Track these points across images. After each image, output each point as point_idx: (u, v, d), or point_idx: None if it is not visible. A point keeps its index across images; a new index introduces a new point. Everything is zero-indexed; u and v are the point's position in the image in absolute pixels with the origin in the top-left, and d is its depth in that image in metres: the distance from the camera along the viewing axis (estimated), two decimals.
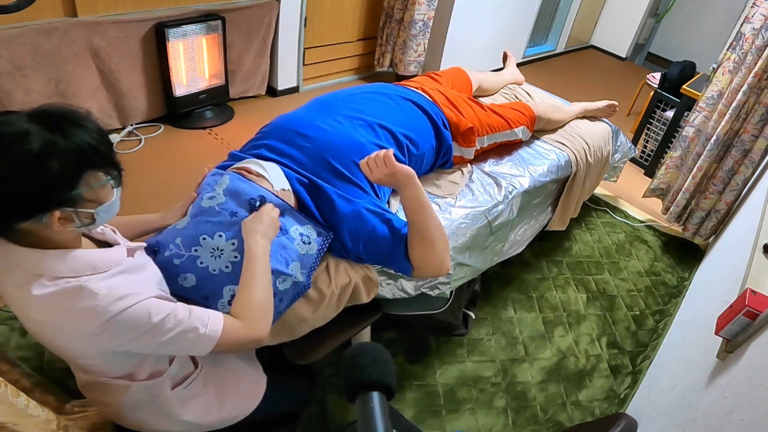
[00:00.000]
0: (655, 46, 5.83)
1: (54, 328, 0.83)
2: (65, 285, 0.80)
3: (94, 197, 0.81)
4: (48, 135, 0.75)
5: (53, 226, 0.78)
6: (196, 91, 2.85)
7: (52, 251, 0.81)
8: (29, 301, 0.80)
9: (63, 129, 0.76)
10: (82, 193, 0.79)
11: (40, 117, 0.76)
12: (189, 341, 0.90)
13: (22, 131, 0.73)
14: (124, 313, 0.82)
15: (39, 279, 0.80)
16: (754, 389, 1.06)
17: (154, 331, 0.85)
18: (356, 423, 0.68)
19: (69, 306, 0.80)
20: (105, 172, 0.82)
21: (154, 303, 0.87)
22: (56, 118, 0.77)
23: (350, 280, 1.34)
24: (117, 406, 1.02)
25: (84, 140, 0.77)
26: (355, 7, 3.51)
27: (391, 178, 1.25)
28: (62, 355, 0.93)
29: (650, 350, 2.06)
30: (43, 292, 0.79)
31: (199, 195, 1.22)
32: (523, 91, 2.55)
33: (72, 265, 0.82)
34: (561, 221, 2.32)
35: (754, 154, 2.33)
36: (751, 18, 2.25)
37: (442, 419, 1.68)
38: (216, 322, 0.93)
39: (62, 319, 0.81)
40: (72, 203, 0.78)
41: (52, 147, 0.74)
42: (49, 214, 0.76)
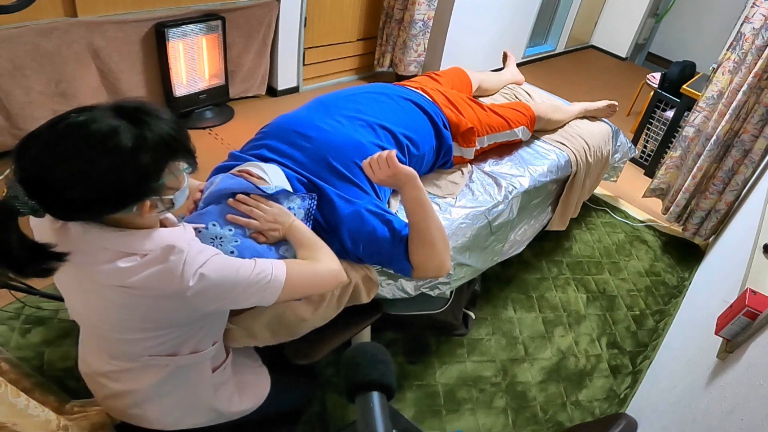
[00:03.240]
0: (655, 46, 5.84)
1: (140, 293, 0.85)
2: (155, 254, 0.84)
3: (174, 184, 0.86)
4: (135, 129, 0.78)
5: (144, 215, 0.83)
6: (196, 91, 2.85)
7: (139, 232, 0.86)
8: (118, 273, 0.83)
9: (146, 122, 0.79)
10: (166, 182, 0.83)
11: (123, 112, 0.79)
12: (260, 288, 0.94)
13: (113, 128, 0.76)
14: (210, 261, 0.87)
15: (130, 256, 0.84)
16: (754, 389, 1.06)
17: (234, 280, 0.90)
18: (356, 423, 0.68)
19: (161, 265, 0.83)
20: (184, 161, 0.87)
21: (225, 257, 0.92)
22: (137, 112, 0.80)
23: (350, 280, 1.34)
24: (145, 391, 1.03)
25: (166, 132, 0.81)
26: (355, 7, 3.51)
27: (393, 179, 1.25)
28: (116, 332, 0.94)
29: (650, 350, 2.06)
30: (133, 264, 0.83)
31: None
32: (523, 91, 2.55)
33: (158, 242, 0.86)
34: (561, 221, 2.32)
35: (754, 154, 2.33)
36: (751, 18, 2.25)
37: (442, 419, 1.68)
38: (279, 269, 0.98)
39: (154, 278, 0.84)
40: (157, 192, 0.83)
41: (142, 141, 0.77)
42: (139, 204, 0.81)
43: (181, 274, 0.84)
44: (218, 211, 1.15)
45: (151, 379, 1.02)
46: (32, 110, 2.27)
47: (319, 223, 1.30)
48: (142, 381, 1.02)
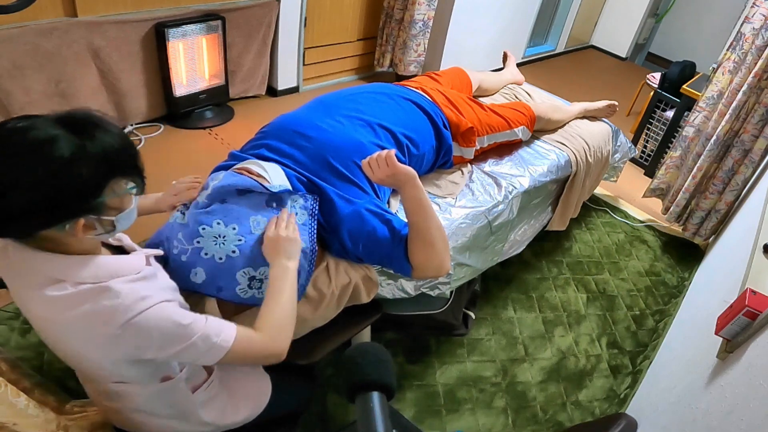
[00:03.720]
0: (655, 46, 5.84)
1: (69, 330, 0.81)
2: (88, 287, 0.78)
3: (117, 204, 0.80)
4: (76, 140, 0.72)
5: (77, 234, 0.76)
6: (196, 91, 2.85)
7: (74, 257, 0.80)
8: (45, 302, 0.79)
9: (90, 133, 0.74)
10: (107, 200, 0.77)
11: (67, 121, 0.74)
12: (199, 350, 0.87)
13: (51, 136, 0.71)
14: (145, 313, 0.80)
15: (60, 284, 0.78)
16: (754, 389, 1.06)
17: (172, 336, 0.83)
18: (356, 423, 0.68)
19: (90, 305, 0.78)
20: (129, 180, 0.80)
21: (173, 308, 0.85)
22: (83, 123, 0.75)
23: (350, 280, 1.34)
24: (132, 411, 1.01)
25: (111, 145, 0.75)
26: (355, 7, 3.51)
27: (393, 179, 1.25)
28: (70, 362, 0.92)
29: (650, 350, 2.06)
30: (62, 293, 0.77)
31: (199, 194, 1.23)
32: (523, 91, 2.55)
33: (94, 270, 0.80)
34: (561, 221, 2.32)
35: (754, 154, 2.33)
36: (751, 18, 2.25)
37: (442, 419, 1.68)
38: (229, 333, 0.91)
39: (80, 319, 0.79)
40: (96, 211, 0.77)
41: (82, 152, 0.72)
42: (73, 222, 0.75)
43: (109, 320, 0.78)
44: (222, 209, 1.15)
45: (132, 402, 0.99)
46: (32, 110, 2.25)
47: (319, 223, 1.30)
48: (125, 402, 1.00)
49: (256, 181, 1.17)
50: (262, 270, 1.12)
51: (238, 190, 1.16)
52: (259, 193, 1.18)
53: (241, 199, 1.16)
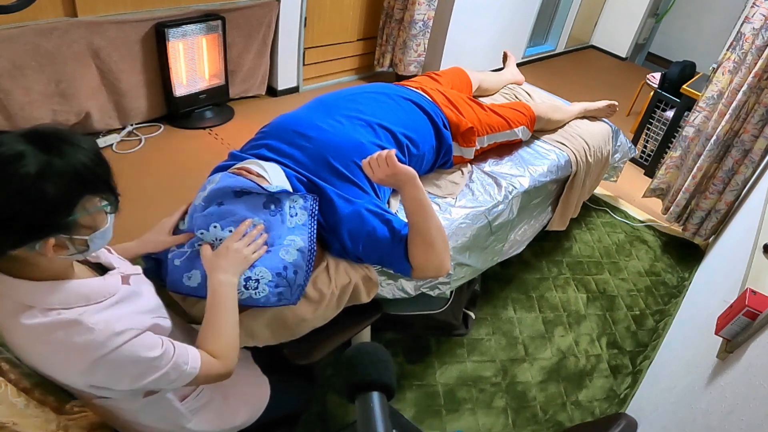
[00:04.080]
0: (655, 46, 5.83)
1: (42, 359, 0.80)
2: (58, 317, 0.76)
3: (90, 223, 0.77)
4: (44, 156, 0.70)
5: (47, 254, 0.73)
6: (196, 91, 2.85)
7: (43, 283, 0.77)
8: (19, 330, 0.77)
9: (59, 149, 0.72)
10: (78, 219, 0.74)
11: (34, 137, 0.71)
12: (170, 379, 0.87)
13: (17, 152, 0.68)
14: (118, 351, 0.78)
15: (30, 310, 0.76)
16: (754, 389, 1.05)
17: (143, 371, 0.83)
18: (356, 423, 0.68)
19: (62, 339, 0.76)
20: (102, 197, 0.78)
21: (146, 339, 0.83)
22: (51, 139, 0.72)
23: (350, 280, 1.34)
24: (124, 420, 1.01)
25: (81, 162, 0.73)
26: (355, 7, 3.51)
27: (393, 179, 1.25)
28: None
29: (650, 350, 2.06)
30: (34, 322, 0.75)
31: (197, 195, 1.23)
32: (523, 91, 2.55)
33: (64, 296, 0.78)
34: (561, 221, 2.32)
35: (754, 154, 2.33)
36: (751, 18, 2.25)
37: (442, 419, 1.68)
38: (195, 359, 0.91)
39: (53, 351, 0.77)
40: (67, 229, 0.74)
41: (49, 169, 0.70)
42: (43, 241, 0.72)
43: (81, 357, 0.76)
44: (219, 212, 1.14)
45: (121, 415, 0.99)
46: (32, 110, 2.27)
47: (319, 223, 1.30)
48: (119, 414, 0.99)
49: (254, 182, 1.17)
50: (258, 270, 1.12)
51: (235, 192, 1.16)
52: (257, 194, 1.18)
53: (238, 201, 1.16)
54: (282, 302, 1.15)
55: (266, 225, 1.17)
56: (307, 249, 1.20)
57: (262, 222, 1.16)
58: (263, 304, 1.13)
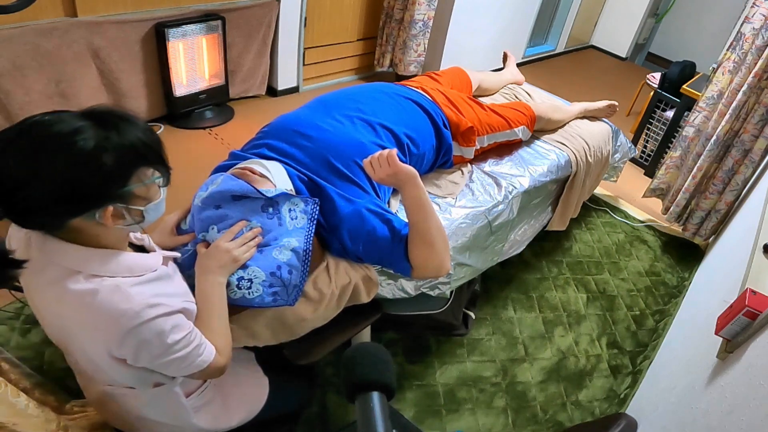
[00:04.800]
0: (655, 46, 5.83)
1: (80, 326, 0.83)
2: (102, 283, 0.80)
3: (144, 194, 0.82)
4: (102, 131, 0.75)
5: (106, 222, 0.78)
6: (196, 91, 2.85)
7: (95, 249, 0.82)
8: (63, 296, 0.80)
9: (116, 125, 0.77)
10: (134, 189, 0.80)
11: (92, 115, 0.77)
12: (184, 364, 0.90)
13: (76, 128, 0.74)
14: (150, 323, 0.81)
15: (76, 275, 0.80)
16: (754, 389, 1.05)
17: (165, 348, 0.85)
18: (356, 423, 0.68)
19: (103, 304, 0.79)
20: (155, 169, 0.83)
21: (176, 319, 0.86)
22: (108, 116, 0.78)
23: (350, 280, 1.34)
24: (129, 414, 1.02)
25: (136, 136, 0.78)
26: (355, 7, 3.51)
27: (394, 178, 1.25)
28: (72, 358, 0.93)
29: (650, 350, 2.06)
30: (79, 287, 0.79)
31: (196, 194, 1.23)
32: (523, 91, 2.55)
33: (110, 265, 0.82)
34: (561, 221, 2.32)
35: (754, 154, 2.33)
36: (751, 18, 2.25)
37: (442, 419, 1.68)
38: (210, 352, 0.94)
39: (92, 316, 0.80)
40: (124, 199, 0.79)
41: (107, 142, 0.75)
42: (102, 210, 0.77)
43: (117, 323, 0.79)
44: (217, 216, 1.15)
45: (126, 406, 1.00)
46: (32, 110, 2.26)
47: (319, 223, 1.30)
48: (120, 405, 1.01)
49: (253, 187, 1.17)
50: (251, 270, 1.12)
51: (234, 196, 1.16)
52: (255, 198, 1.18)
53: (235, 205, 1.16)
54: (278, 302, 1.15)
55: (263, 227, 1.17)
56: (301, 249, 1.20)
57: (258, 225, 1.16)
58: (258, 304, 1.12)
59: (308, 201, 1.25)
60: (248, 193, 1.17)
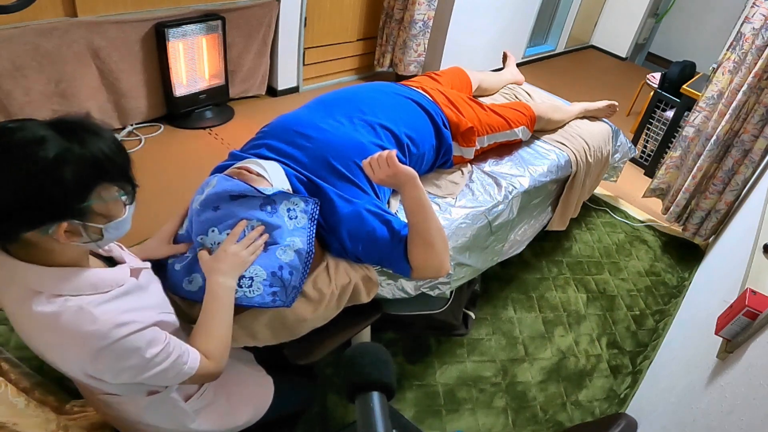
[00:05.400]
0: (655, 46, 5.83)
1: (47, 346, 0.81)
2: (65, 304, 0.77)
3: (104, 211, 0.78)
4: (64, 142, 0.72)
5: (59, 239, 0.75)
6: (196, 91, 2.85)
7: (53, 268, 0.78)
8: (28, 317, 0.78)
9: (80, 137, 0.74)
10: (93, 205, 0.76)
11: (57, 125, 0.74)
12: (168, 376, 0.88)
13: (38, 137, 0.71)
14: (120, 342, 0.79)
15: (38, 296, 0.77)
16: (754, 389, 1.05)
17: (143, 364, 0.83)
18: (356, 423, 0.68)
19: (67, 327, 0.77)
20: (119, 186, 0.79)
21: (150, 334, 0.84)
22: (73, 127, 0.75)
23: (350, 280, 1.34)
24: (129, 420, 1.01)
25: (100, 150, 0.75)
26: (355, 7, 3.51)
27: (393, 179, 1.25)
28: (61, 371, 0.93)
29: (650, 350, 2.06)
30: (42, 309, 0.76)
31: (193, 198, 1.23)
32: (523, 91, 2.55)
33: (71, 283, 0.79)
34: (561, 221, 2.32)
35: (754, 154, 2.33)
36: (751, 18, 2.25)
37: (442, 419, 1.68)
38: (194, 359, 0.92)
39: (58, 338, 0.78)
40: (81, 215, 0.75)
41: (68, 154, 0.72)
42: (56, 225, 0.73)
43: (85, 345, 0.77)
44: (216, 217, 1.14)
45: (125, 413, 1.00)
46: (32, 110, 2.27)
47: (318, 223, 1.30)
48: (119, 412, 1.00)
49: (250, 186, 1.17)
50: (253, 269, 1.12)
51: (231, 196, 1.16)
52: (253, 197, 1.18)
53: (234, 205, 1.16)
54: (276, 303, 1.15)
55: (264, 224, 1.17)
56: (305, 251, 1.20)
57: (259, 223, 1.16)
58: (258, 304, 1.12)
59: (308, 201, 1.25)
60: (245, 191, 1.16)
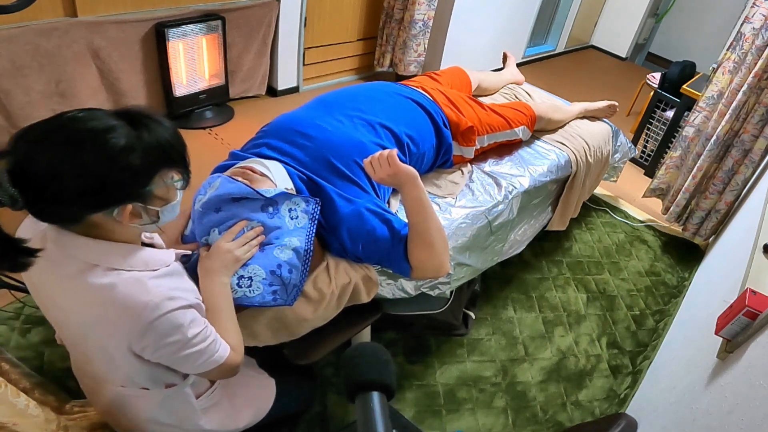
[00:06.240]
0: (655, 46, 5.83)
1: (101, 320, 0.83)
2: (120, 276, 0.81)
3: (164, 195, 0.84)
4: (133, 131, 0.78)
5: (123, 220, 0.80)
6: (196, 91, 2.85)
7: (113, 243, 0.83)
8: (82, 290, 0.81)
9: (147, 125, 0.80)
10: (155, 189, 0.81)
11: (125, 114, 0.80)
12: (200, 360, 0.90)
13: (109, 126, 0.76)
14: (169, 315, 0.82)
15: (94, 269, 0.81)
16: (754, 389, 1.05)
17: (184, 341, 0.86)
18: (356, 423, 0.68)
19: (123, 297, 0.80)
20: (177, 171, 0.85)
21: (192, 313, 0.87)
22: (139, 116, 0.80)
23: (350, 280, 1.34)
24: (139, 418, 1.02)
25: (164, 137, 0.81)
26: (355, 7, 3.51)
27: (394, 178, 1.25)
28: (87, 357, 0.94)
29: (650, 350, 2.06)
30: (99, 281, 0.80)
31: (195, 197, 1.23)
32: (523, 91, 2.55)
33: (128, 258, 0.84)
34: (561, 221, 2.32)
35: (754, 154, 2.33)
36: (751, 18, 2.25)
37: (442, 419, 1.68)
38: (224, 349, 0.94)
39: (113, 310, 0.81)
40: (144, 198, 0.81)
41: (137, 142, 0.77)
42: (121, 207, 0.79)
43: (139, 316, 0.80)
44: (218, 219, 1.15)
45: (136, 410, 1.01)
46: (32, 110, 2.27)
47: (319, 223, 1.30)
48: (129, 411, 1.01)
49: (251, 188, 1.17)
50: (251, 268, 1.12)
51: (233, 198, 1.16)
52: (254, 198, 1.18)
53: (236, 206, 1.16)
54: (278, 302, 1.15)
55: (264, 226, 1.17)
56: (303, 249, 1.20)
57: (259, 224, 1.16)
58: (259, 303, 1.12)
59: (309, 200, 1.25)
60: (247, 194, 1.16)
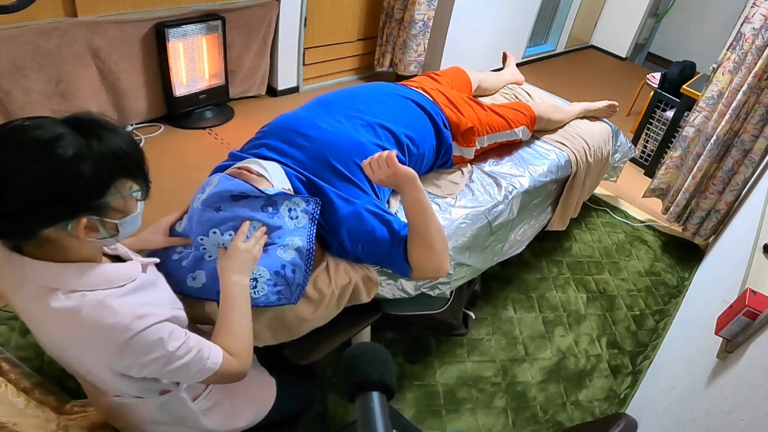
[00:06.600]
0: (655, 46, 5.83)
1: (72, 342, 0.81)
2: (83, 299, 0.78)
3: (121, 206, 0.80)
4: (82, 139, 0.73)
5: (79, 234, 0.76)
6: (196, 91, 2.85)
7: (67, 264, 0.79)
8: (47, 315, 0.78)
9: (97, 134, 0.75)
10: (111, 201, 0.77)
11: (73, 122, 0.75)
12: (191, 371, 0.89)
13: (56, 135, 0.72)
14: (143, 334, 0.80)
15: (54, 293, 0.77)
16: (754, 389, 1.05)
17: (167, 356, 0.84)
18: (356, 423, 0.68)
19: (89, 321, 0.77)
20: (135, 182, 0.80)
21: (169, 326, 0.85)
22: (90, 124, 0.76)
23: (350, 280, 1.34)
24: (140, 421, 1.02)
25: (118, 146, 0.76)
26: (355, 7, 3.51)
27: (393, 179, 1.25)
28: (76, 373, 0.92)
29: (650, 350, 2.06)
30: (60, 305, 0.77)
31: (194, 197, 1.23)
32: (523, 91, 2.55)
33: (88, 278, 0.80)
34: (561, 221, 2.32)
35: (754, 154, 2.33)
36: (751, 18, 2.25)
37: (442, 419, 1.68)
38: (216, 355, 0.92)
39: (81, 334, 0.78)
40: (99, 211, 0.77)
41: (87, 151, 0.73)
42: (75, 221, 0.75)
43: (109, 340, 0.78)
44: (218, 218, 1.14)
45: (135, 416, 1.00)
46: (32, 110, 2.27)
47: (318, 223, 1.30)
48: (129, 416, 1.00)
49: (252, 185, 1.17)
50: (256, 270, 1.13)
51: (233, 196, 1.16)
52: (255, 197, 1.18)
53: (236, 205, 1.16)
54: (282, 301, 1.15)
55: (266, 226, 1.17)
56: (305, 249, 1.20)
57: (261, 224, 1.16)
58: (264, 304, 1.13)
59: (309, 200, 1.25)
60: (247, 191, 1.16)
